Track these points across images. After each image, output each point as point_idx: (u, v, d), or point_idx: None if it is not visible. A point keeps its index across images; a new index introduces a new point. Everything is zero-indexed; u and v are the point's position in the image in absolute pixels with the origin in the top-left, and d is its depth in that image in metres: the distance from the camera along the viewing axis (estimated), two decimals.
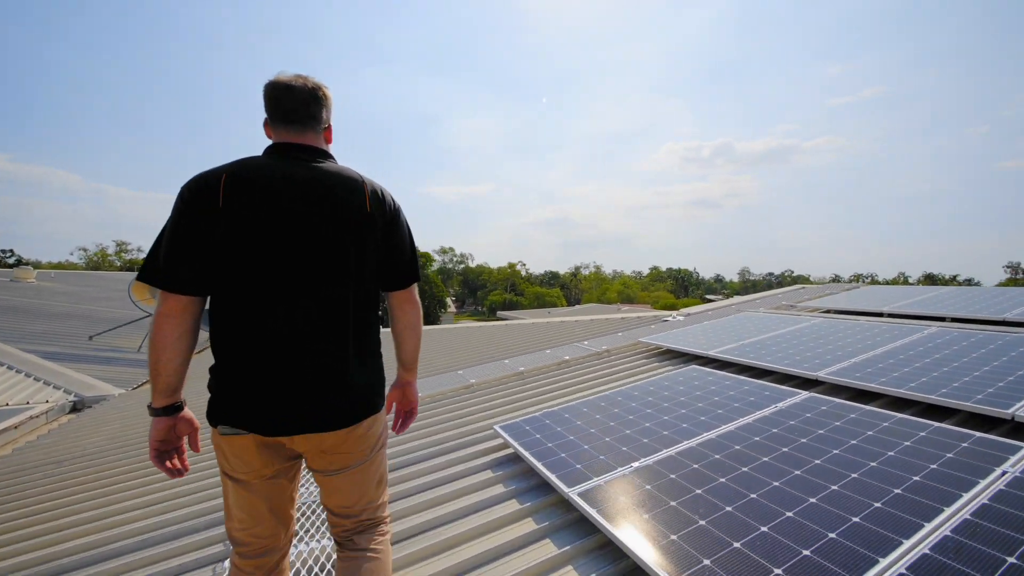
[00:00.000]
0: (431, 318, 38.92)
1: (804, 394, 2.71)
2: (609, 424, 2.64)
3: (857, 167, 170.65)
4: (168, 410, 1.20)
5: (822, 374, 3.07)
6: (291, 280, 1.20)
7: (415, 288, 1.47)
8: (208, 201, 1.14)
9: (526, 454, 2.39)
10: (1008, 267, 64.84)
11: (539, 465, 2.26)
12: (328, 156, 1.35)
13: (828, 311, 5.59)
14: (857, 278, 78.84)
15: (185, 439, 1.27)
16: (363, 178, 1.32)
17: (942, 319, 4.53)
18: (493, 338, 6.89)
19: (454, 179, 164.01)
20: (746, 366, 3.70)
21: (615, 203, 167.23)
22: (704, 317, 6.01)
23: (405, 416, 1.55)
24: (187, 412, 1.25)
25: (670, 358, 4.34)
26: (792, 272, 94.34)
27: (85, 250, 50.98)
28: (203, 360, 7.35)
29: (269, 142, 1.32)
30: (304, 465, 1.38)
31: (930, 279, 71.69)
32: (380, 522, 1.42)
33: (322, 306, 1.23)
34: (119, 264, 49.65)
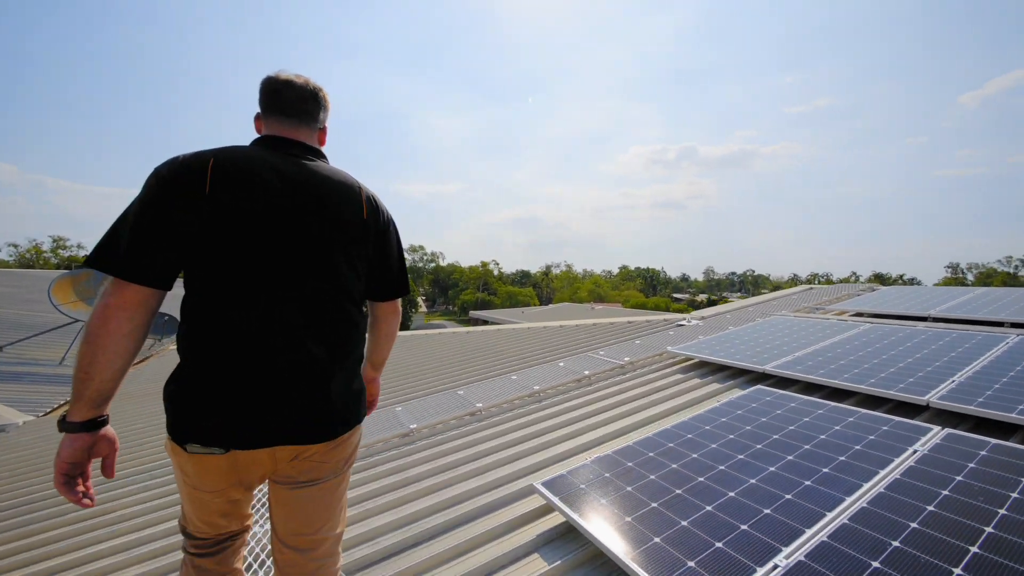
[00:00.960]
0: (403, 319, 37.35)
1: (938, 431, 2.08)
2: (698, 480, 1.93)
3: (811, 172, 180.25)
4: (90, 425, 1.02)
5: (933, 398, 2.46)
6: (279, 279, 1.11)
7: (400, 300, 1.43)
8: (191, 186, 1.04)
9: (596, 536, 1.64)
10: (948, 267, 69.50)
11: (625, 560, 1.51)
12: (321, 156, 1.29)
13: (860, 314, 5.12)
14: (813, 277, 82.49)
15: (92, 462, 1.06)
16: (360, 184, 1.28)
17: (1000, 324, 4.09)
18: (490, 346, 6.09)
19: (423, 177, 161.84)
20: (819, 385, 3.09)
21: (583, 203, 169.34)
22: (723, 321, 5.44)
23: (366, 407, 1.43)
24: (110, 429, 1.06)
25: (711, 373, 3.69)
26: (753, 271, 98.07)
27: (16, 246, 46.45)
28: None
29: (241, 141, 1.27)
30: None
31: (879, 278, 75.79)
32: (335, 571, 1.32)
33: (311, 308, 1.15)
34: (55, 262, 45.50)
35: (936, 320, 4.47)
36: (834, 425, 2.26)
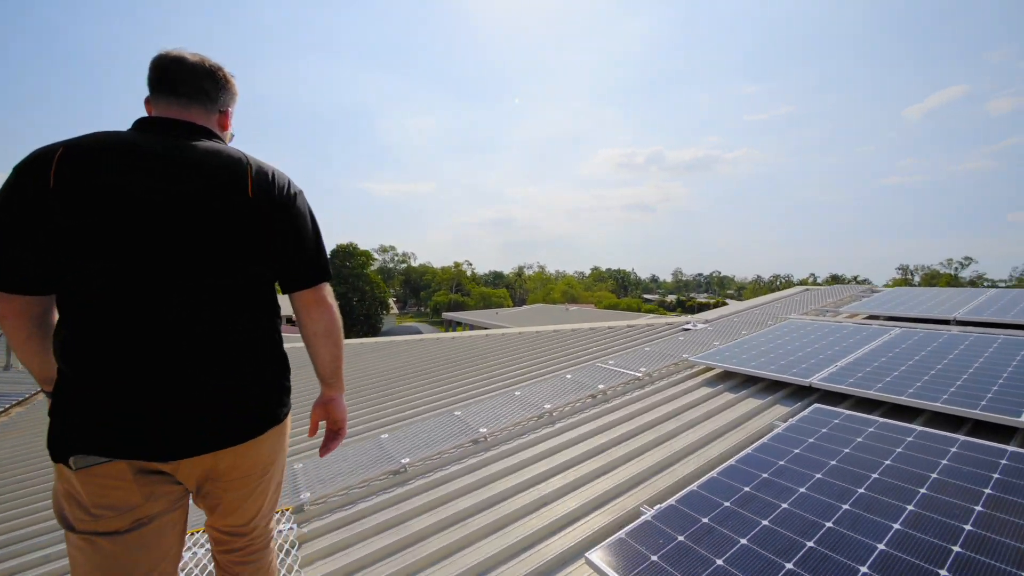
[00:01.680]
0: (373, 320, 36.15)
1: None
2: (807, 546, 1.44)
3: (771, 177, 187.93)
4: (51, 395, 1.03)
5: None
6: (142, 275, 0.99)
7: (324, 288, 1.23)
8: (37, 181, 0.94)
9: None
10: (899, 268, 73.45)
11: None
12: (212, 136, 1.13)
13: (873, 316, 4.86)
14: (775, 279, 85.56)
15: None
16: (248, 158, 1.12)
17: None
18: (481, 354, 5.52)
19: (394, 176, 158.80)
20: (876, 401, 2.70)
21: (556, 204, 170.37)
22: (731, 325, 5.08)
23: (332, 437, 1.37)
24: None
25: (740, 385, 3.27)
26: (719, 273, 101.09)
27: None
28: None
29: None
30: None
31: (835, 279, 79.46)
32: (269, 542, 1.31)
33: (189, 303, 1.03)
34: None
35: (963, 323, 4.23)
36: (941, 458, 1.85)
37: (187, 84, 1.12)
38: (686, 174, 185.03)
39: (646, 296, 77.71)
